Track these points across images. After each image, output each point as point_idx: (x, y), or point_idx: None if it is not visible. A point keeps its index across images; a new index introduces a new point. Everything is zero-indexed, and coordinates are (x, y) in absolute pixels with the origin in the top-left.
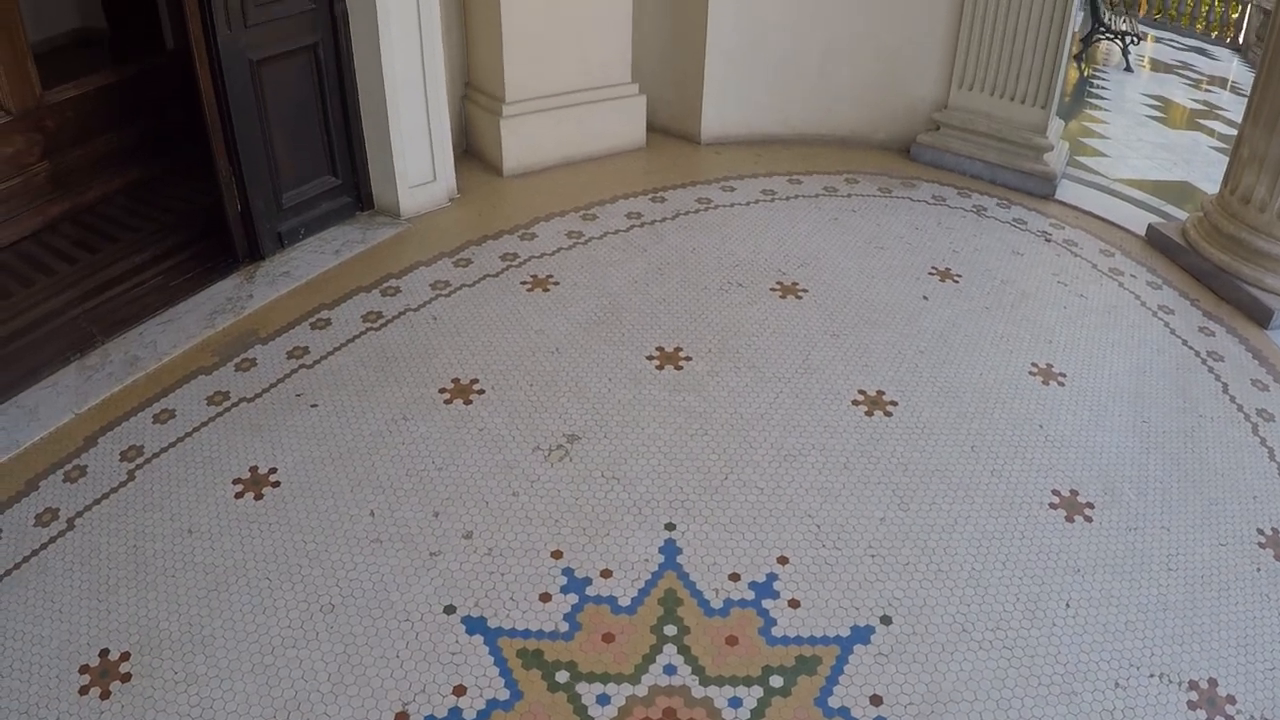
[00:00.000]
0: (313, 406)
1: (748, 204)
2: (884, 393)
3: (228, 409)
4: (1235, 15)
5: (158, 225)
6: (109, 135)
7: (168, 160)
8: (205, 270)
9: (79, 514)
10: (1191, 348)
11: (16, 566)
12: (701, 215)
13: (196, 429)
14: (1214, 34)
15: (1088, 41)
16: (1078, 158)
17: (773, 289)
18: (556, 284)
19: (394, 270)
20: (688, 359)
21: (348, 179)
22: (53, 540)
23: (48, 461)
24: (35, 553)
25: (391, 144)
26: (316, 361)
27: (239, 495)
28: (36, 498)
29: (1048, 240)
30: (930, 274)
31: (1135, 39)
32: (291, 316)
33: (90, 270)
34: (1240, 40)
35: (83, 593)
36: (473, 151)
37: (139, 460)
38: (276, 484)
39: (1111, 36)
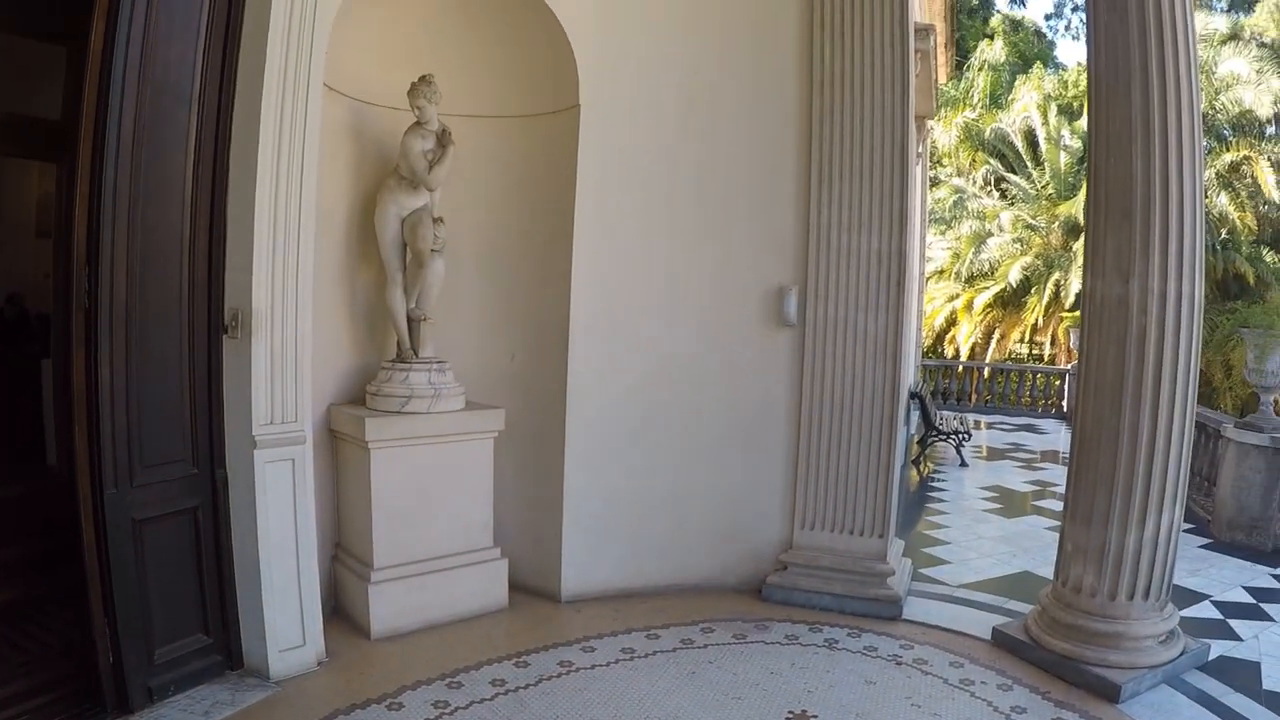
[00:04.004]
0: None
1: (608, 664)
2: None
3: None
4: (1058, 383)
5: (27, 656)
6: None
7: (45, 583)
8: (72, 717)
9: None
10: None
11: None
12: (564, 680)
13: None
14: (1040, 407)
15: (924, 444)
16: (922, 570)
17: None
18: None
19: None
20: None
21: (219, 638)
22: None
23: None
24: None
25: (263, 607)
26: None
27: None
28: None
29: (898, 664)
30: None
31: (966, 435)
32: None
33: None
34: (1065, 408)
35: None
36: (341, 612)
37: None
38: None
39: (944, 437)
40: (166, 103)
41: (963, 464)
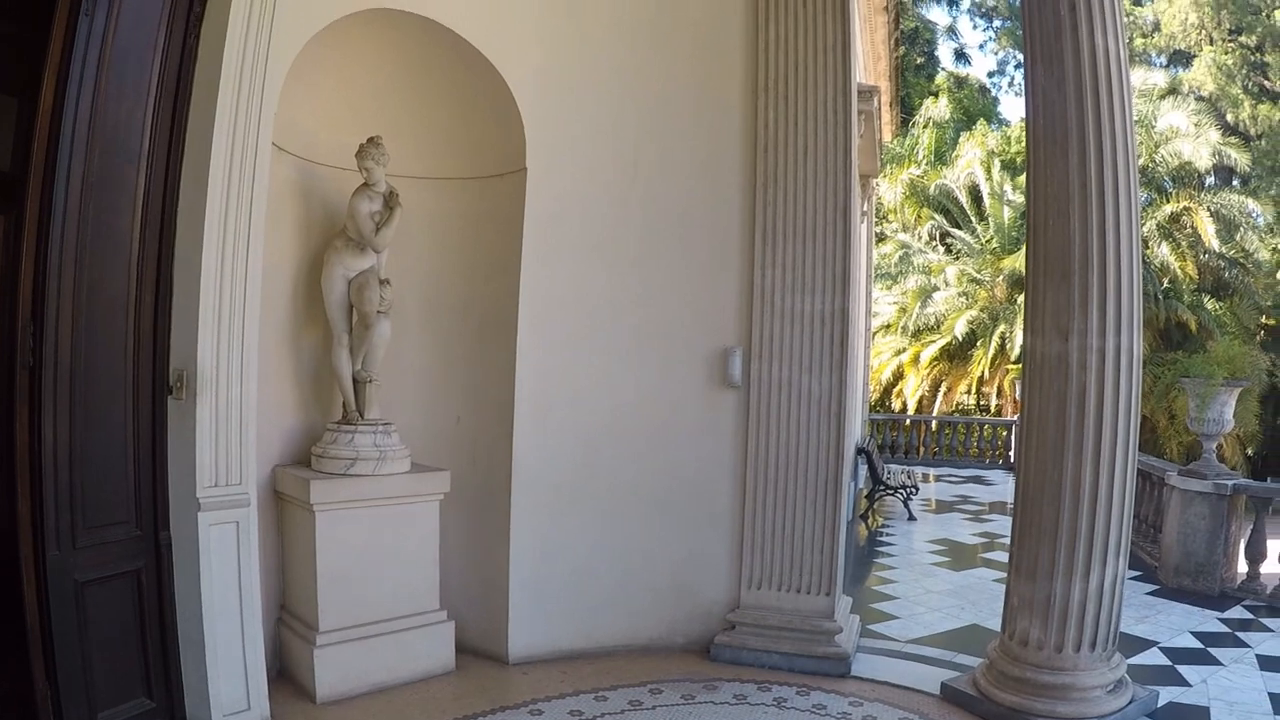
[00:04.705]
0: None
1: None
2: None
3: None
4: (1005, 434)
5: None
6: None
7: None
8: None
9: None
10: None
11: None
12: None
13: None
14: (987, 458)
15: (872, 498)
16: (870, 626)
17: None
18: None
19: None
20: None
21: (162, 702)
22: None
23: None
24: None
25: (207, 671)
26: None
27: None
28: None
29: None
30: None
31: (914, 489)
32: None
33: None
34: (1012, 458)
35: None
36: (286, 674)
37: None
38: None
39: (891, 491)
40: (115, 160)
41: (911, 518)
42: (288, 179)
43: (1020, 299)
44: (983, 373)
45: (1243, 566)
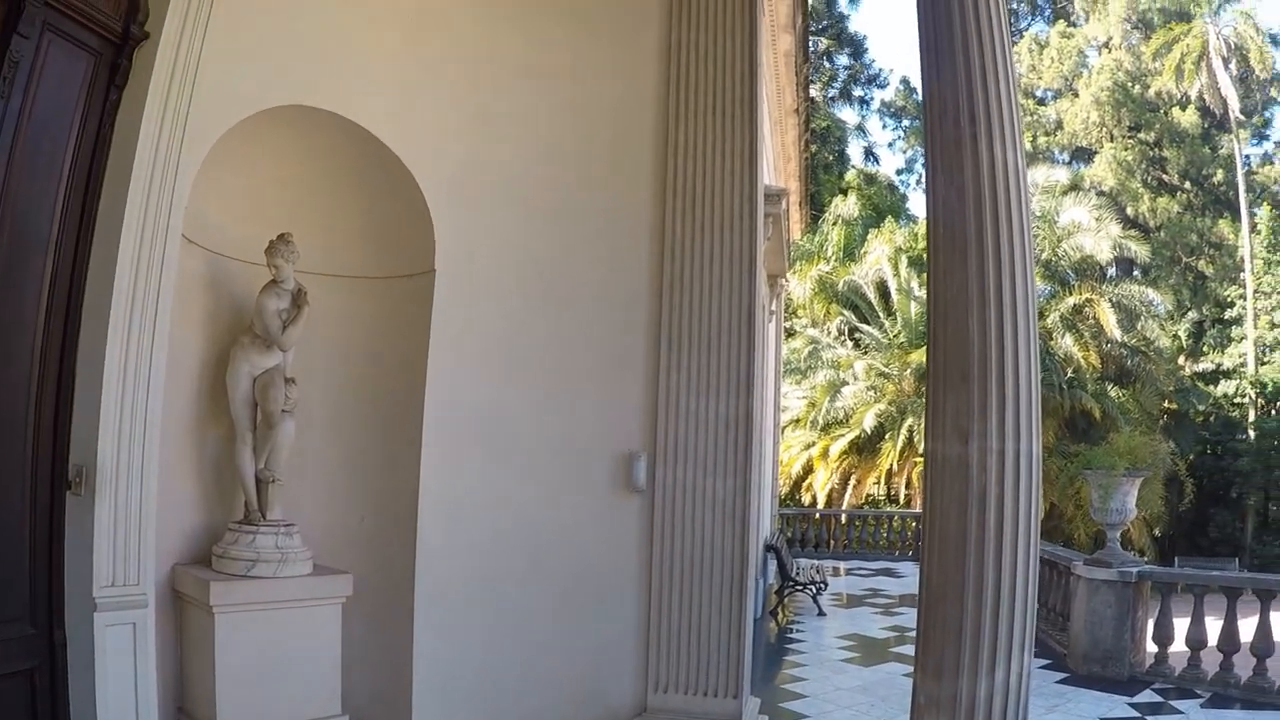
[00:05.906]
0: None
1: None
2: None
3: None
4: (914, 524)
5: None
6: None
7: None
8: None
9: None
10: None
11: None
12: None
13: None
14: (896, 550)
15: (781, 594)
16: None
17: None
18: None
19: None
20: None
21: None
22: None
23: None
24: None
25: None
26: None
27: None
28: None
29: None
30: None
31: (823, 585)
32: None
33: None
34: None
35: None
36: None
37: None
38: None
39: (801, 588)
40: (23, 246)
41: (820, 613)
42: (196, 272)
43: None
44: (891, 465)
45: (1151, 648)
